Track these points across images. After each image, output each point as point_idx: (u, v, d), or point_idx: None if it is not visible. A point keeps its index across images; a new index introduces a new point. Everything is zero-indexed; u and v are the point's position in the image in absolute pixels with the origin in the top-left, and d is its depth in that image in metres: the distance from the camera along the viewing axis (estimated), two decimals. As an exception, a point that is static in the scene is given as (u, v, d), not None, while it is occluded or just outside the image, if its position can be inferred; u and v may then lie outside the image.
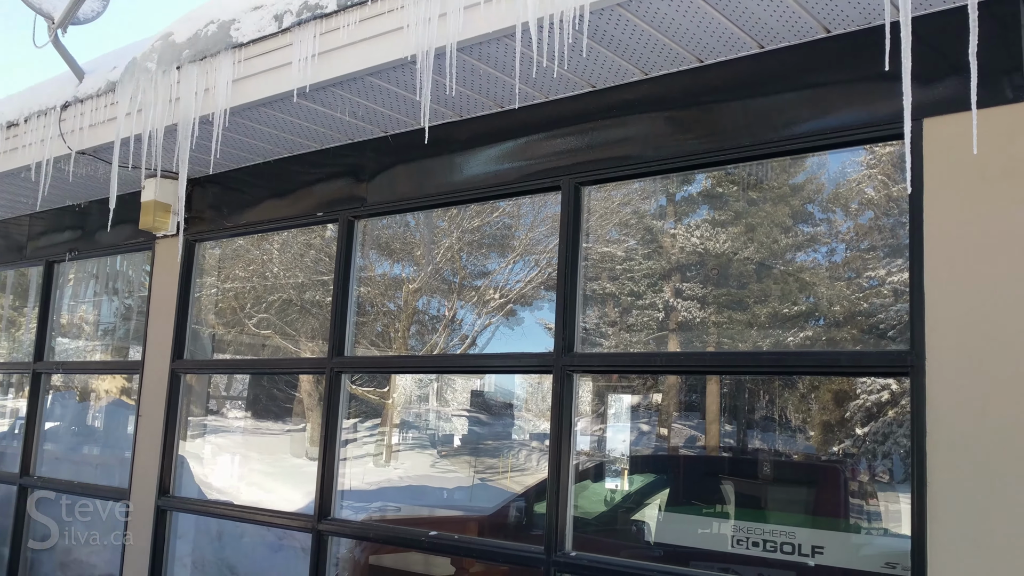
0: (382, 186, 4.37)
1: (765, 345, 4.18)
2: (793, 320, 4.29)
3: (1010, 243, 2.70)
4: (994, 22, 2.82)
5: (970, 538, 2.65)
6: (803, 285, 4.24)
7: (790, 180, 4.37)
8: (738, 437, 6.46)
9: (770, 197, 4.06)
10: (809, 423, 6.29)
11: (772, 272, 4.36)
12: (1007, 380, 2.65)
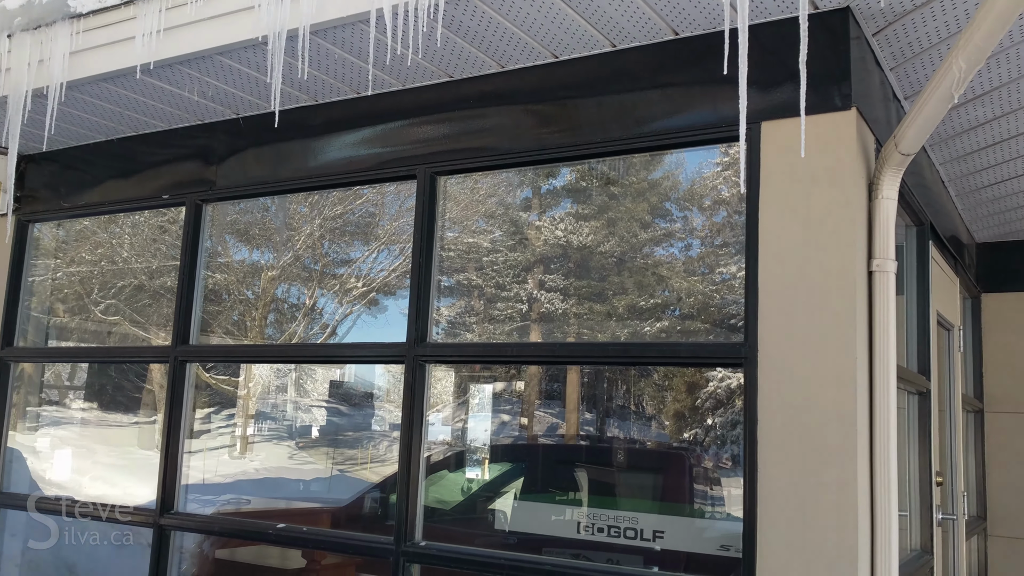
0: (233, 169, 4.23)
1: (623, 336, 4.30)
2: (650, 312, 4.42)
3: (833, 243, 2.87)
4: (827, 33, 2.98)
5: (795, 519, 2.80)
6: (660, 279, 4.38)
7: (649, 176, 4.51)
8: (596, 426, 6.62)
9: (631, 192, 4.17)
10: (663, 412, 6.52)
11: (631, 265, 4.48)
12: (827, 372, 2.81)
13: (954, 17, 2.96)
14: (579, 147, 3.45)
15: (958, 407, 4.69)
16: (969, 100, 3.64)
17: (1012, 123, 3.85)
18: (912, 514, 3.86)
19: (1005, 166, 4.38)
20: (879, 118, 3.25)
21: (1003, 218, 5.31)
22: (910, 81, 3.46)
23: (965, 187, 4.72)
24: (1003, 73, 3.39)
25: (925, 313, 3.97)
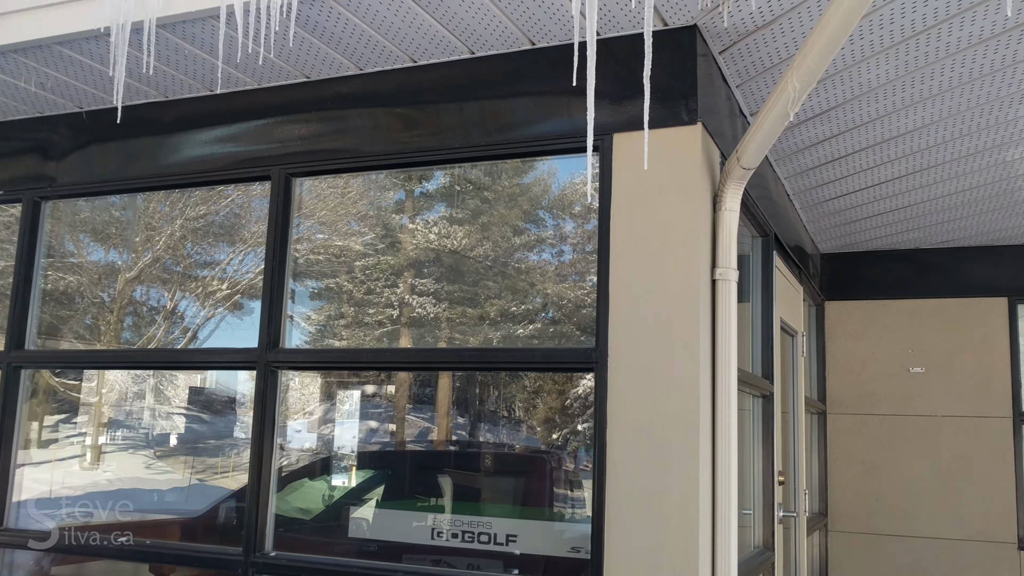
0: (76, 166, 4.03)
1: (496, 340, 4.31)
2: (521, 317, 4.45)
3: (679, 252, 2.97)
4: (676, 50, 3.09)
5: (641, 519, 2.88)
6: (532, 284, 4.42)
7: (521, 181, 4.55)
8: (465, 430, 6.62)
9: (504, 198, 4.19)
10: (534, 415, 6.58)
11: (503, 270, 4.50)
12: (672, 376, 2.91)
13: (792, 39, 3.11)
14: (441, 151, 3.44)
15: (801, 409, 4.93)
16: (810, 118, 3.84)
17: (849, 141, 4.09)
18: (756, 512, 4.03)
19: (844, 181, 4.65)
20: (725, 133, 3.39)
21: (845, 230, 5.63)
22: (755, 98, 3.62)
23: (808, 200, 4.97)
24: (839, 94, 3.59)
25: (769, 320, 4.16)
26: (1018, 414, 5.68)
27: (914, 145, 4.12)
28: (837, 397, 6.03)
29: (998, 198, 4.89)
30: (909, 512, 5.78)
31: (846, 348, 6.08)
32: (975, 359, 5.79)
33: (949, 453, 5.75)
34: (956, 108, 3.69)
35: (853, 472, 5.93)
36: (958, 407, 5.78)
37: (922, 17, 2.95)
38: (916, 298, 5.98)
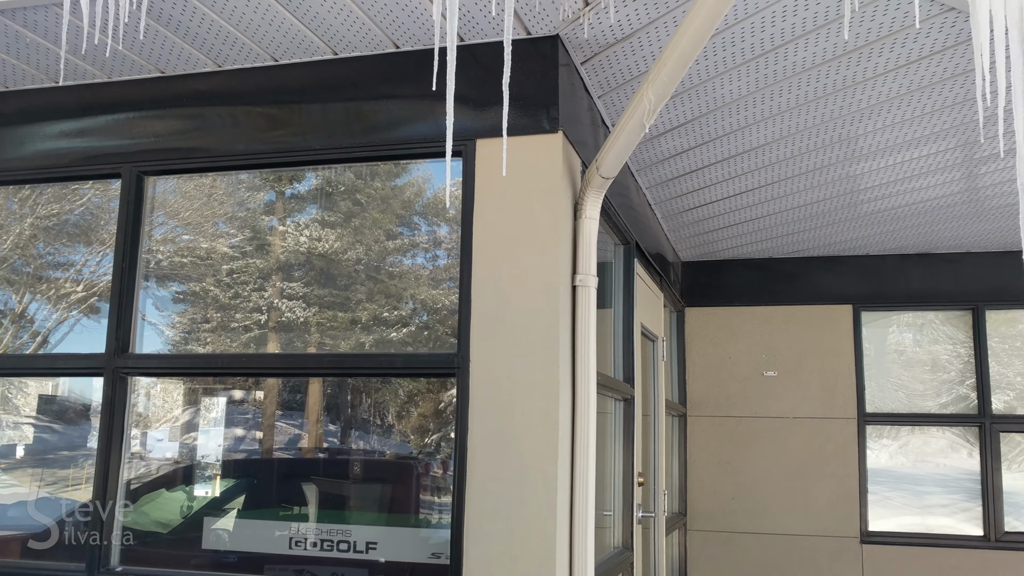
0: (-96, 158, 3.75)
1: (369, 345, 4.24)
2: (394, 321, 4.40)
3: (540, 258, 3.01)
4: (539, 59, 3.13)
5: (500, 523, 2.90)
6: (404, 288, 4.37)
7: (395, 184, 4.49)
8: (335, 437, 6.49)
9: (377, 200, 4.13)
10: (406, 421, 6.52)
11: (373, 275, 4.43)
12: (533, 380, 2.94)
13: (650, 52, 3.21)
14: (304, 152, 3.39)
15: (662, 412, 5.08)
16: (669, 130, 3.96)
17: (705, 153, 4.24)
18: (616, 513, 4.12)
19: (702, 192, 4.82)
20: (587, 142, 3.46)
21: (704, 239, 5.84)
22: (616, 109, 3.71)
23: (669, 210, 5.14)
24: (695, 108, 3.72)
25: (630, 325, 4.26)
26: (862, 415, 6.03)
27: (766, 159, 4.31)
28: (696, 400, 6.25)
29: (844, 211, 5.18)
30: (762, 510, 6.05)
31: (705, 352, 6.31)
32: (823, 363, 6.11)
33: (799, 452, 6.04)
34: (804, 124, 3.88)
35: (711, 472, 6.16)
36: (807, 408, 6.08)
37: (770, 37, 3.09)
38: (770, 305, 6.26)
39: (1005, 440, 5.94)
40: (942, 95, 3.53)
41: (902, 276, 6.13)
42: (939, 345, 6.16)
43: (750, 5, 2.89)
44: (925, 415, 6.05)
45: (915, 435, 6.08)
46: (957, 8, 2.84)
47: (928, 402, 6.09)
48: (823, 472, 5.99)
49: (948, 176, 4.51)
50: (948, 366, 6.11)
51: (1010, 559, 5.71)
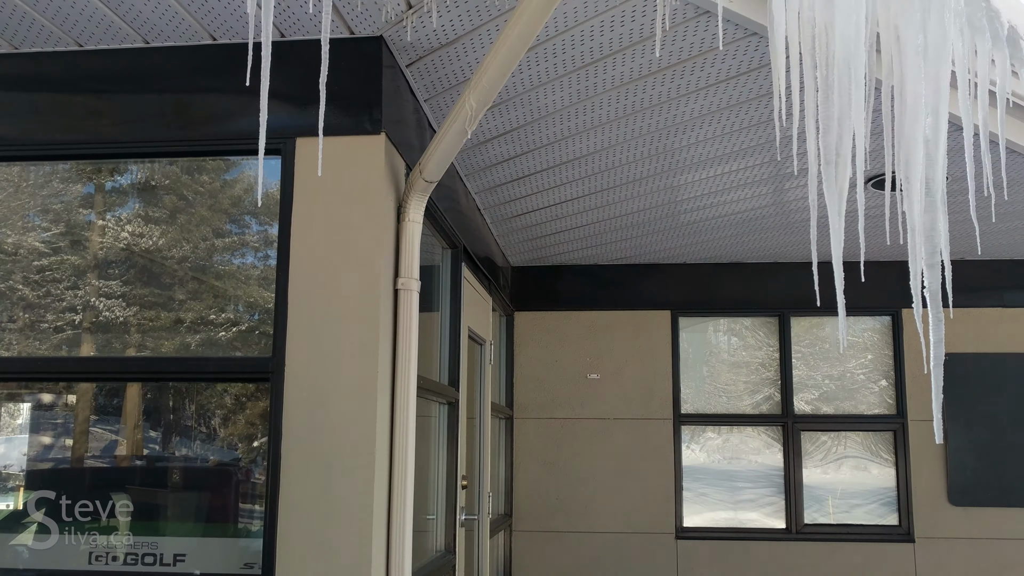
0: None
1: (194, 345, 4.03)
2: (221, 323, 4.21)
3: (362, 261, 2.97)
4: (363, 59, 3.09)
5: (316, 530, 2.84)
6: (231, 288, 4.19)
7: (223, 178, 4.30)
8: (156, 444, 6.15)
9: (204, 196, 3.93)
10: (231, 426, 6.26)
11: (197, 275, 4.22)
12: (351, 385, 2.90)
13: (476, 58, 3.23)
14: (116, 144, 3.22)
15: (487, 415, 5.14)
16: (495, 137, 4.01)
17: (532, 161, 4.32)
18: (439, 517, 4.12)
19: (530, 199, 4.91)
20: (413, 144, 3.45)
21: (532, 245, 5.95)
22: (442, 113, 3.72)
23: (498, 215, 5.20)
24: (521, 115, 3.78)
25: (457, 329, 4.28)
26: (677, 416, 6.31)
27: (590, 168, 4.44)
28: (523, 402, 6.36)
29: (665, 220, 5.40)
30: (584, 509, 6.22)
31: (533, 356, 6.43)
32: (643, 366, 6.35)
33: (620, 452, 6.25)
34: (625, 136, 4.02)
35: (536, 473, 6.28)
36: (627, 410, 6.31)
37: (590, 51, 3.18)
38: (595, 310, 6.45)
39: (811, 439, 6.37)
40: (749, 114, 3.75)
41: (717, 284, 6.46)
42: (750, 350, 6.53)
43: (569, 19, 2.96)
44: (735, 415, 6.40)
45: (734, 433, 6.42)
46: (759, 33, 3.02)
47: (740, 402, 6.44)
48: (642, 471, 6.23)
49: (758, 190, 4.79)
50: (759, 369, 6.49)
51: (809, 549, 6.13)
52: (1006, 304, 6.26)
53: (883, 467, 6.31)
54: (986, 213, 4.76)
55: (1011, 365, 6.19)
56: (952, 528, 6.07)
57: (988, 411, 6.14)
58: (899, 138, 3.14)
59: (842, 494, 6.34)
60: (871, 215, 4.77)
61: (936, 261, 3.26)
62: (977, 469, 6.10)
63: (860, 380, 6.46)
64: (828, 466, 6.41)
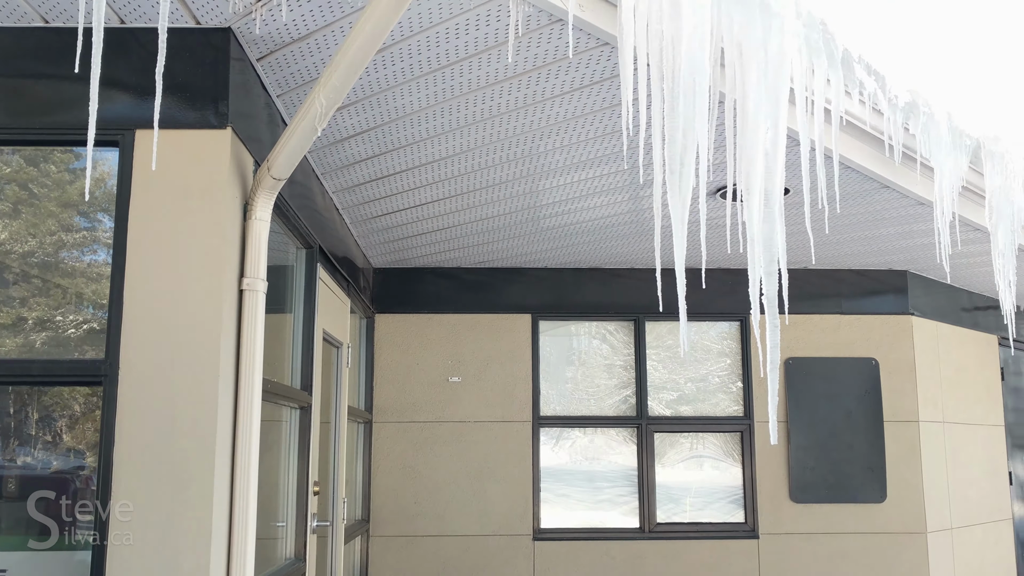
0: None
1: (39, 344, 3.76)
2: (66, 325, 3.94)
3: (204, 260, 2.86)
4: (210, 51, 2.98)
5: (153, 541, 2.71)
6: (72, 286, 3.93)
7: (71, 166, 4.04)
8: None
9: (51, 187, 3.68)
10: (76, 430, 5.91)
11: (40, 274, 3.95)
12: (191, 390, 2.79)
13: (329, 56, 3.17)
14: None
15: (343, 419, 5.05)
16: (351, 136, 3.94)
17: (391, 161, 4.28)
18: (288, 524, 4.02)
19: (390, 200, 4.86)
20: (263, 141, 3.35)
21: (394, 246, 5.89)
22: (296, 109, 3.62)
23: (358, 216, 5.12)
24: (378, 115, 3.73)
25: (311, 331, 4.19)
26: (536, 418, 6.38)
27: (450, 171, 4.43)
28: (383, 406, 6.29)
29: (526, 224, 5.45)
30: (442, 512, 6.20)
31: (393, 359, 6.36)
32: (503, 369, 6.39)
33: (480, 456, 6.27)
34: (485, 140, 4.03)
35: (395, 478, 6.21)
36: (488, 413, 6.33)
37: (445, 53, 3.17)
38: (457, 313, 6.45)
39: (670, 439, 6.56)
40: (603, 123, 3.83)
41: (577, 288, 6.57)
42: (609, 352, 6.67)
43: (424, 20, 2.94)
44: (592, 417, 6.53)
45: (598, 434, 6.54)
46: (611, 44, 3.09)
47: (601, 403, 6.57)
48: (501, 474, 6.27)
49: (615, 197, 4.90)
50: (619, 372, 6.64)
51: (661, 547, 6.31)
52: (844, 311, 6.63)
53: (735, 467, 6.57)
54: (821, 225, 5.03)
55: (848, 369, 6.56)
56: (793, 524, 6.38)
57: (826, 413, 6.49)
58: (740, 150, 3.27)
59: (697, 492, 6.56)
60: (716, 224, 4.98)
61: (774, 270, 3.41)
62: (816, 468, 6.43)
63: (716, 383, 6.70)
64: (685, 464, 6.63)
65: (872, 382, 6.56)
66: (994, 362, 7.66)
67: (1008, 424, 7.79)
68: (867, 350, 6.60)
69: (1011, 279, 4.97)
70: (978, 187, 4.80)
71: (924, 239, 5.67)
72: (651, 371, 6.64)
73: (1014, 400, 8.02)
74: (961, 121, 4.54)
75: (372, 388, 6.29)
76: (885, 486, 6.42)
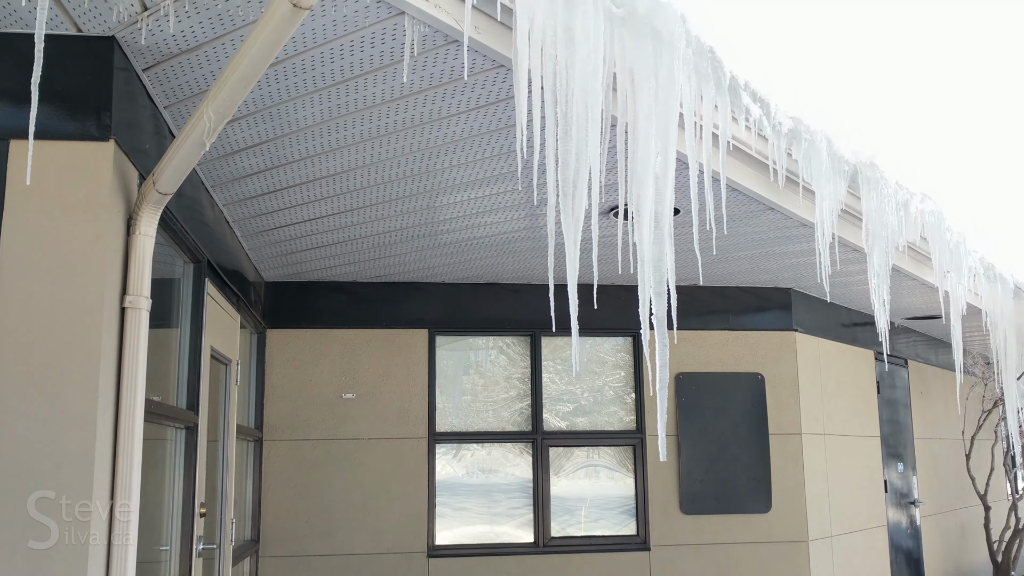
0: None
1: None
2: None
3: (84, 277, 2.75)
4: (93, 60, 2.87)
5: (29, 571, 2.57)
6: None
7: None
8: None
9: None
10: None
11: None
12: (69, 412, 2.67)
13: (219, 68, 3.10)
14: None
15: (232, 438, 4.91)
16: (243, 149, 3.86)
17: (285, 175, 4.20)
18: (172, 547, 3.88)
19: (284, 213, 4.77)
20: (149, 154, 3.24)
21: (288, 260, 5.79)
22: (185, 122, 3.52)
23: (249, 229, 5.01)
24: (271, 129, 3.66)
25: (198, 349, 4.06)
26: (432, 434, 6.35)
27: (346, 185, 4.38)
28: (274, 424, 6.15)
29: (425, 239, 5.43)
30: (335, 531, 6.09)
31: (286, 375, 6.24)
32: (399, 385, 6.34)
33: (373, 473, 6.20)
34: (383, 155, 3.99)
35: (286, 497, 6.08)
36: (383, 429, 6.27)
37: (340, 69, 3.14)
38: (352, 328, 6.37)
39: (565, 452, 6.63)
40: (499, 142, 3.86)
41: (474, 303, 6.59)
42: (505, 365, 6.71)
43: (319, 35, 2.91)
44: (488, 433, 6.54)
45: (496, 447, 6.55)
46: (506, 66, 3.12)
47: (496, 416, 6.59)
48: (395, 491, 6.21)
49: (513, 215, 4.93)
50: (515, 384, 6.67)
51: (555, 562, 6.36)
52: (732, 327, 6.85)
53: (629, 477, 6.69)
54: (710, 245, 5.19)
55: (735, 383, 6.78)
56: (683, 535, 6.54)
57: (715, 426, 6.68)
58: (632, 174, 3.35)
59: (592, 503, 6.65)
60: (610, 242, 5.08)
61: (663, 290, 3.49)
62: (704, 480, 6.61)
63: (611, 395, 6.82)
64: (584, 471, 6.71)
65: (758, 396, 6.79)
66: (870, 376, 8.05)
67: (883, 435, 8.19)
68: (754, 365, 6.83)
69: (885, 298, 5.24)
70: (856, 210, 5.04)
71: (807, 258, 5.92)
72: (548, 383, 6.71)
73: (888, 412, 8.44)
74: (840, 147, 4.77)
75: (263, 406, 6.14)
76: (770, 497, 6.65)
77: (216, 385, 4.68)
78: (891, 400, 8.59)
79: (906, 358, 9.09)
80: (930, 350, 9.68)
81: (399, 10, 2.76)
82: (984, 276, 7.09)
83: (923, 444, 9.14)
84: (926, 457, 9.17)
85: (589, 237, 3.24)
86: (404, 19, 2.82)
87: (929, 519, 9.03)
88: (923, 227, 5.65)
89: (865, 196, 4.97)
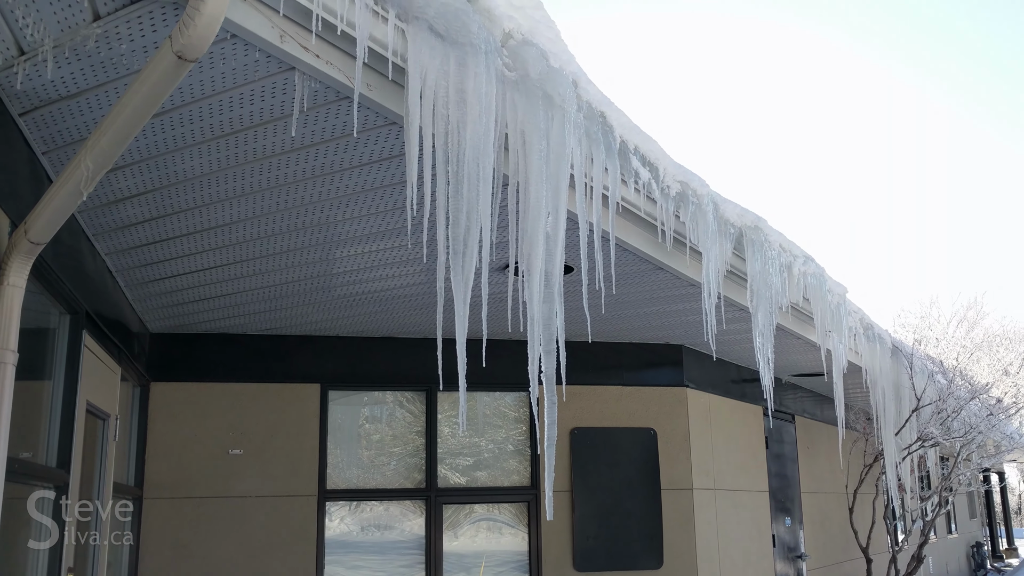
0: None
1: None
2: None
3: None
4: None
5: None
6: None
7: None
8: None
9: None
10: None
11: None
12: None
13: (100, 116, 3.01)
14: None
15: (107, 497, 4.68)
16: (127, 198, 3.75)
17: (171, 225, 4.09)
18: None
19: (170, 264, 4.63)
20: (25, 199, 3.11)
21: (174, 311, 5.61)
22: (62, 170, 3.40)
23: (133, 279, 4.84)
24: (157, 178, 3.57)
25: (71, 404, 3.88)
26: (323, 492, 6.19)
27: (238, 236, 4.29)
28: (155, 481, 5.88)
29: (318, 292, 5.35)
30: (217, 594, 5.84)
31: (169, 430, 6.00)
32: (289, 441, 6.18)
33: (260, 531, 5.98)
34: (273, 207, 3.94)
35: (165, 559, 5.80)
36: (271, 487, 6.08)
37: (229, 121, 3.10)
38: (241, 382, 6.19)
39: (465, 508, 6.54)
40: (392, 197, 3.86)
41: (369, 358, 6.50)
42: (402, 422, 6.62)
43: (207, 87, 2.87)
44: (382, 490, 6.42)
45: (391, 506, 6.41)
46: (398, 123, 3.13)
47: (394, 472, 6.48)
48: (283, 550, 6.00)
49: (410, 268, 4.91)
50: (412, 439, 6.58)
51: (448, 621, 6.23)
52: (625, 383, 6.95)
53: (526, 535, 6.64)
54: (599, 303, 5.28)
55: (628, 439, 6.85)
56: (576, 592, 6.51)
57: (609, 481, 6.73)
58: (523, 233, 3.39)
59: (490, 561, 6.56)
60: (502, 297, 5.10)
61: (552, 348, 3.52)
62: (598, 536, 6.62)
63: (510, 450, 6.79)
64: (484, 523, 6.63)
65: (650, 451, 6.88)
66: (759, 431, 8.26)
67: (772, 489, 8.40)
68: (646, 420, 6.93)
69: (770, 356, 5.41)
70: (741, 271, 5.22)
71: (696, 316, 6.07)
72: (449, 436, 6.64)
73: (777, 466, 8.66)
74: (726, 211, 4.94)
75: (144, 462, 5.88)
76: (662, 553, 6.71)
77: (92, 441, 4.47)
78: (779, 455, 8.83)
79: (793, 413, 9.37)
80: (816, 406, 10.03)
81: (289, 65, 2.75)
82: (864, 335, 7.42)
83: (810, 498, 9.41)
84: (813, 511, 9.43)
85: (479, 292, 3.26)
86: (295, 74, 2.81)
87: (815, 572, 9.25)
88: (805, 288, 5.89)
89: (750, 258, 5.15)
